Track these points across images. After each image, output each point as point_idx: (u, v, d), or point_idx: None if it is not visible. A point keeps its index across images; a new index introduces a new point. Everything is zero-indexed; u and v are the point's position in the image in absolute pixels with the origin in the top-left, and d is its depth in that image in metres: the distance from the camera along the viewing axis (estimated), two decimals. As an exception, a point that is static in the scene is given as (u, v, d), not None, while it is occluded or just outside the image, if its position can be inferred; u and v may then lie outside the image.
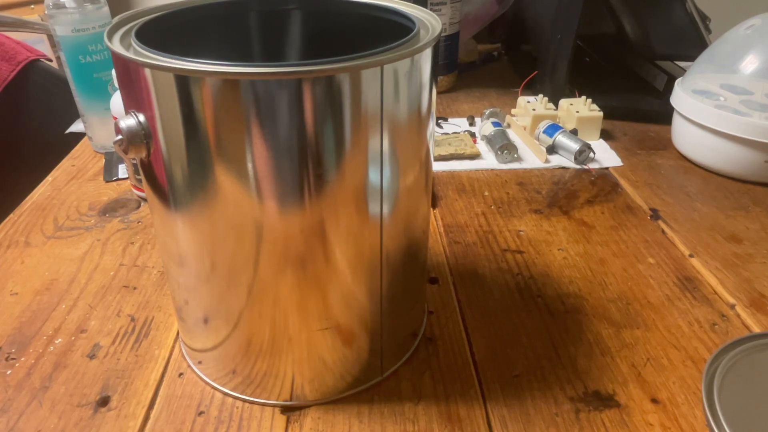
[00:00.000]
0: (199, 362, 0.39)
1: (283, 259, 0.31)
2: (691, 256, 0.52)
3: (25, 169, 0.84)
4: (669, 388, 0.39)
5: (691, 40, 0.76)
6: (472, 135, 0.73)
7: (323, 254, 0.32)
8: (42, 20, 1.28)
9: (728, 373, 0.38)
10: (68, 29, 0.62)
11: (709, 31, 0.77)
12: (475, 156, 0.69)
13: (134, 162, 0.33)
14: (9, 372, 0.40)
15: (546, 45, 0.81)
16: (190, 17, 0.37)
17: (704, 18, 0.77)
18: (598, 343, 0.42)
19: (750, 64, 0.63)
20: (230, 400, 0.38)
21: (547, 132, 0.70)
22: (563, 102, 0.75)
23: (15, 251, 0.52)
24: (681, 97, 0.67)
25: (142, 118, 0.30)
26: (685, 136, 0.68)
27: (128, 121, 0.30)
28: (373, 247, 0.33)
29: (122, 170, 0.66)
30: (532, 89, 0.85)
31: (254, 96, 0.27)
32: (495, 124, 0.72)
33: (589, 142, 0.71)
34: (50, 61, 1.01)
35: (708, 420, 0.35)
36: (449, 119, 0.79)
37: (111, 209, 0.59)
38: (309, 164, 0.29)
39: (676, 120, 0.69)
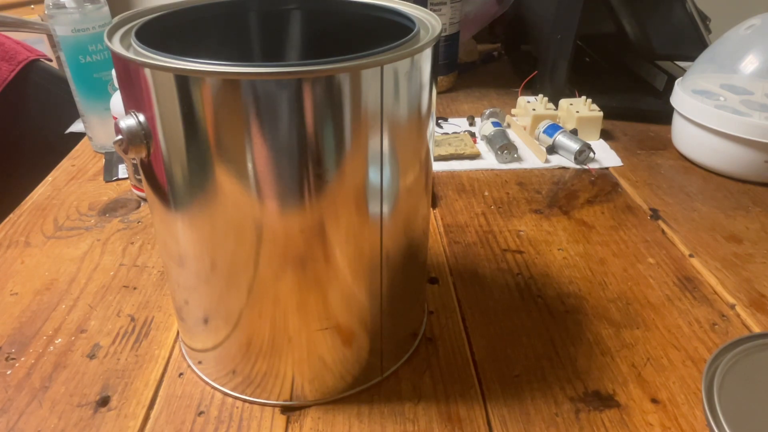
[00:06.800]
0: (199, 362, 0.39)
1: (283, 259, 0.31)
2: (691, 256, 0.52)
3: (25, 169, 0.84)
4: (669, 388, 0.39)
5: (691, 40, 0.76)
6: (472, 135, 0.73)
7: (323, 254, 0.32)
8: (42, 20, 1.28)
9: (728, 373, 0.38)
10: (68, 29, 0.62)
11: (709, 31, 0.77)
12: (475, 156, 0.69)
13: (134, 162, 0.33)
14: (9, 372, 0.40)
15: (546, 45, 0.81)
16: (190, 17, 0.37)
17: (704, 18, 0.77)
18: (598, 343, 0.42)
19: (750, 64, 0.63)
20: (230, 400, 0.38)
21: (547, 132, 0.70)
22: (563, 102, 0.75)
23: (15, 251, 0.52)
24: (681, 97, 0.67)
25: (142, 118, 0.30)
26: (685, 136, 0.68)
27: (128, 121, 0.30)
28: (373, 247, 0.33)
29: (122, 170, 0.66)
30: (532, 89, 0.85)
31: (254, 96, 0.27)
32: (495, 124, 0.72)
33: (589, 142, 0.71)
34: (50, 61, 1.01)
35: (708, 420, 0.35)
36: (449, 119, 0.79)
37: (111, 209, 0.59)
38: (309, 164, 0.29)
39: (676, 120, 0.69)
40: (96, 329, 0.43)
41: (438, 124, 0.78)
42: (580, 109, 0.73)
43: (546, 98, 0.75)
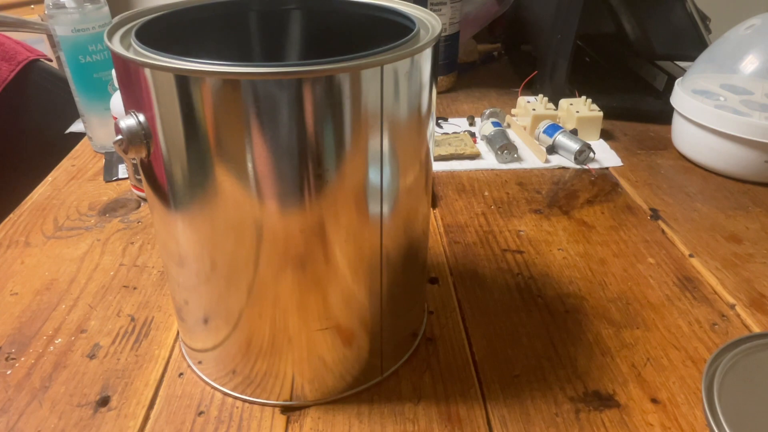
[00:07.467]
0: (199, 362, 0.39)
1: (283, 259, 0.31)
2: (691, 256, 0.52)
3: (25, 169, 0.84)
4: (669, 388, 0.39)
5: (691, 40, 0.76)
6: (472, 135, 0.73)
7: (323, 254, 0.32)
8: (42, 20, 1.28)
9: (728, 373, 0.38)
10: (68, 29, 0.62)
11: (709, 31, 0.77)
12: (475, 156, 0.69)
13: (134, 162, 0.33)
14: (9, 372, 0.40)
15: (546, 45, 0.81)
16: (190, 17, 0.37)
17: (704, 18, 0.77)
18: (598, 343, 0.42)
19: (750, 64, 0.63)
20: (230, 400, 0.38)
21: (547, 132, 0.70)
22: (563, 102, 0.75)
23: (15, 251, 0.52)
24: (681, 97, 0.67)
25: (142, 118, 0.30)
26: (685, 136, 0.68)
27: (128, 121, 0.30)
28: (373, 247, 0.33)
29: (122, 170, 0.66)
30: (532, 89, 0.85)
31: (254, 96, 0.27)
32: (495, 124, 0.72)
33: (589, 142, 0.71)
34: (50, 61, 1.01)
35: (708, 420, 0.35)
36: (449, 119, 0.79)
37: (111, 209, 0.59)
38: (309, 164, 0.29)
39: (676, 120, 0.69)
40: (96, 329, 0.43)
41: (438, 124, 0.78)
42: (580, 109, 0.73)
43: (546, 98, 0.75)
